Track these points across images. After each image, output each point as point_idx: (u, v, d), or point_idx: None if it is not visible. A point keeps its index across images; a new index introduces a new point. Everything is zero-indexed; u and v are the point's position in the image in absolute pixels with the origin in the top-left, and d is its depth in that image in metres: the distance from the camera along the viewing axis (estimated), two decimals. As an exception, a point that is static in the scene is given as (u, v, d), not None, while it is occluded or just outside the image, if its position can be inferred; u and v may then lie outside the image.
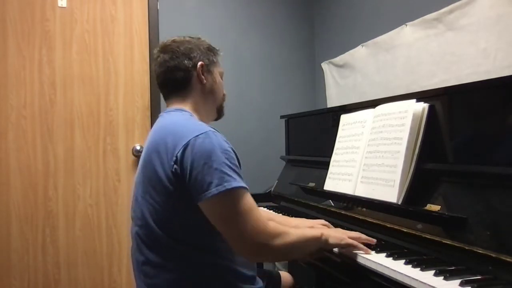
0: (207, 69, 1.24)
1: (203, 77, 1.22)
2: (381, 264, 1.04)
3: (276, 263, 2.62)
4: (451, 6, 1.71)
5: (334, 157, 1.67)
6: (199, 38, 1.30)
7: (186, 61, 1.20)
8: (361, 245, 1.15)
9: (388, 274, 1.01)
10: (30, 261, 2.23)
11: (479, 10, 1.59)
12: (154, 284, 1.07)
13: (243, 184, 1.02)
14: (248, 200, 1.02)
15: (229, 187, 0.98)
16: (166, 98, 1.26)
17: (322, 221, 1.44)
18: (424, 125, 1.25)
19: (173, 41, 1.25)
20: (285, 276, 1.47)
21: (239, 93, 2.65)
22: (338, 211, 1.54)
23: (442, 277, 0.91)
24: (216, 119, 1.34)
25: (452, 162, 1.21)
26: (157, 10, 2.50)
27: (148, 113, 2.46)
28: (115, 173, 2.39)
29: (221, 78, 1.32)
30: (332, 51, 2.67)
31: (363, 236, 1.20)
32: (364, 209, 1.41)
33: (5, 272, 2.19)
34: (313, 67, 2.93)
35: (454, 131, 1.23)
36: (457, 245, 1.02)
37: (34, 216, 2.25)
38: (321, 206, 1.66)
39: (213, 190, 0.98)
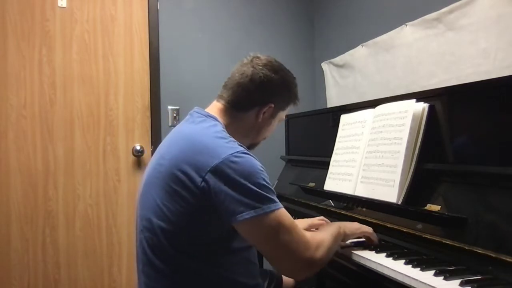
0: (272, 112, 1.18)
1: (261, 115, 1.16)
2: (381, 264, 1.05)
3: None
4: (451, 6, 1.71)
5: (334, 157, 1.67)
6: (294, 79, 1.23)
7: (260, 95, 1.14)
8: (375, 234, 1.18)
9: (388, 274, 1.01)
10: (30, 261, 2.23)
11: (479, 10, 1.59)
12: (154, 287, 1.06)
13: (281, 205, 0.99)
14: (289, 218, 0.99)
15: (269, 210, 0.95)
16: (218, 97, 1.18)
17: (321, 217, 1.44)
18: (424, 125, 1.25)
19: (266, 65, 1.16)
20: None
21: (239, 93, 2.65)
22: (338, 211, 1.54)
23: (442, 277, 0.91)
24: None
25: (452, 162, 1.21)
26: (157, 10, 2.50)
27: (148, 113, 2.46)
28: (115, 173, 2.39)
29: (279, 123, 1.26)
30: (332, 51, 2.67)
31: (374, 234, 1.22)
32: (364, 209, 1.41)
33: (5, 272, 2.19)
34: (313, 67, 2.93)
35: (454, 131, 1.23)
36: (457, 245, 1.02)
37: (34, 216, 2.25)
38: (321, 206, 1.66)
39: (252, 212, 0.94)
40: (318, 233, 1.10)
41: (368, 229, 1.22)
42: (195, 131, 1.08)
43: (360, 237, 1.24)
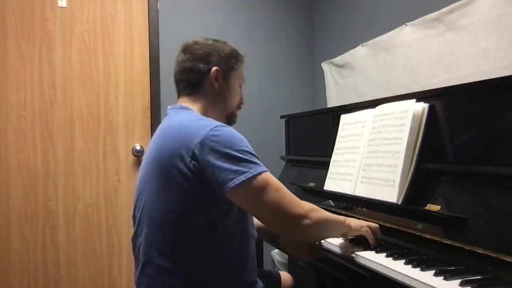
0: (223, 74, 1.24)
1: (216, 82, 1.22)
2: (381, 264, 1.04)
3: (276, 263, 2.63)
4: (451, 6, 1.71)
5: (334, 157, 1.67)
6: (224, 43, 1.29)
7: (201, 65, 1.21)
8: (379, 233, 1.18)
9: (388, 274, 1.01)
10: (30, 261, 2.23)
11: (479, 10, 1.59)
12: (156, 287, 1.06)
13: (266, 168, 1.05)
14: (275, 180, 1.05)
15: (256, 172, 1.01)
16: (178, 95, 1.27)
17: None
18: (424, 125, 1.25)
19: (195, 42, 1.26)
20: (285, 276, 1.47)
21: (239, 93, 2.65)
22: (338, 211, 1.54)
23: (442, 277, 0.91)
24: None
25: (452, 162, 1.21)
26: (157, 10, 2.50)
27: (148, 113, 2.46)
28: (115, 173, 2.39)
29: (241, 86, 1.32)
30: (332, 51, 2.67)
31: (379, 234, 1.20)
32: (364, 209, 1.41)
33: (5, 272, 2.19)
34: (313, 67, 2.94)
35: (454, 131, 1.23)
36: (457, 245, 1.02)
37: (34, 216, 2.25)
38: (321, 206, 1.65)
39: (241, 177, 0.99)
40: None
41: (372, 226, 1.19)
42: (173, 122, 1.15)
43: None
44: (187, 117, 1.15)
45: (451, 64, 1.71)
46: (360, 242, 1.21)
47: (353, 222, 1.17)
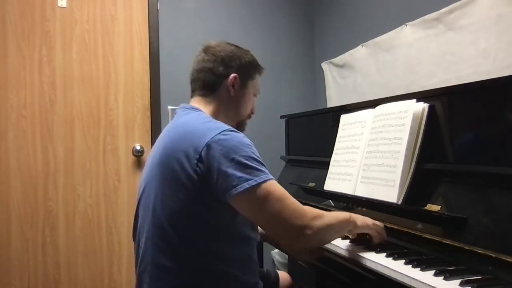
0: (240, 82, 1.23)
1: (232, 88, 1.22)
2: (381, 264, 1.04)
3: (276, 263, 2.63)
4: (451, 6, 1.71)
5: (334, 157, 1.67)
6: (246, 51, 1.29)
7: (221, 68, 1.21)
8: (384, 234, 1.17)
9: (388, 274, 1.01)
10: (30, 261, 2.23)
11: (479, 10, 1.59)
12: (157, 287, 1.06)
13: (272, 176, 1.03)
14: (280, 188, 1.03)
15: (260, 180, 0.99)
16: (192, 94, 1.26)
17: None
18: (424, 125, 1.25)
19: (218, 45, 1.25)
20: (284, 276, 1.47)
21: (239, 93, 2.65)
22: (338, 211, 1.54)
23: (442, 277, 0.91)
24: None
25: (452, 162, 1.21)
26: (157, 10, 2.50)
27: (148, 113, 2.46)
28: (115, 173, 2.39)
29: (255, 95, 1.32)
30: (332, 51, 2.67)
31: (383, 233, 1.20)
32: (364, 209, 1.41)
33: (5, 272, 2.19)
34: (313, 67, 2.93)
35: (454, 131, 1.23)
36: (457, 245, 1.02)
37: (34, 216, 2.25)
38: (321, 206, 1.66)
39: (245, 184, 0.98)
40: (320, 210, 1.11)
41: (378, 226, 1.19)
42: (182, 123, 1.14)
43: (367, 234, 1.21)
44: (197, 117, 1.14)
45: (451, 64, 1.71)
46: (361, 242, 1.21)
47: (359, 220, 1.16)
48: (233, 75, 1.21)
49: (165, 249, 1.05)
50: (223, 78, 1.21)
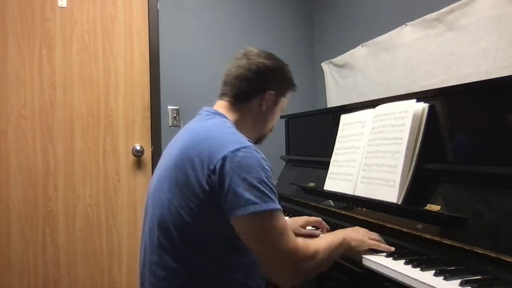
0: (273, 99, 1.20)
1: (264, 104, 1.19)
2: (381, 264, 1.05)
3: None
4: (451, 6, 1.71)
5: (334, 157, 1.67)
6: (286, 65, 1.26)
7: (260, 81, 1.18)
8: (383, 245, 1.15)
9: (388, 274, 1.01)
10: (30, 261, 2.23)
11: (479, 10, 1.59)
12: (161, 287, 1.05)
13: (279, 206, 1.00)
14: (282, 221, 1.00)
15: (267, 208, 0.96)
16: (220, 97, 1.22)
17: (317, 219, 1.44)
18: (424, 125, 1.25)
19: (259, 54, 1.21)
20: None
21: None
22: (338, 211, 1.54)
23: (442, 277, 0.91)
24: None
25: (452, 162, 1.22)
26: (157, 10, 2.50)
27: (148, 113, 2.46)
28: (115, 173, 2.39)
29: (281, 111, 1.28)
30: (332, 51, 2.67)
31: (382, 240, 1.19)
32: (364, 209, 1.41)
33: (5, 272, 2.19)
34: (313, 67, 2.93)
35: (454, 131, 1.23)
36: (457, 245, 1.02)
37: (34, 216, 2.25)
38: (321, 206, 1.66)
39: (250, 208, 0.95)
40: (315, 242, 1.08)
41: (374, 243, 1.16)
42: (203, 127, 1.11)
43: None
44: (221, 125, 1.11)
45: (451, 64, 1.71)
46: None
47: (354, 239, 1.14)
48: (270, 92, 1.18)
49: (171, 250, 1.04)
50: (260, 93, 1.18)
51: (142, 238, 1.17)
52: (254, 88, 1.18)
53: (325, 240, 1.10)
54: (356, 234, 1.18)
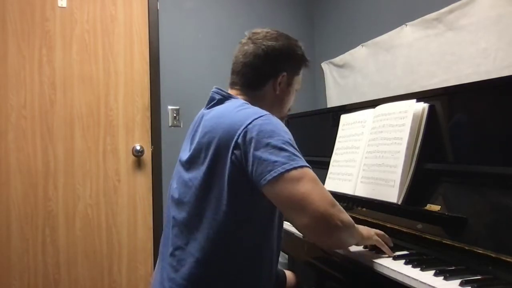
0: (287, 79, 1.17)
1: (278, 87, 1.15)
2: (381, 264, 1.04)
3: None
4: (451, 6, 1.71)
5: (334, 157, 1.67)
6: (296, 42, 1.20)
7: (270, 66, 1.14)
8: (387, 247, 1.12)
9: (388, 274, 1.01)
10: (30, 261, 2.23)
11: (479, 10, 1.59)
12: (180, 272, 1.03)
13: (308, 165, 0.97)
14: (314, 175, 0.97)
15: (297, 165, 0.94)
16: (231, 84, 1.18)
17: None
18: (424, 125, 1.25)
19: (265, 36, 1.15)
20: (290, 275, 1.47)
21: (239, 93, 2.65)
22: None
23: (442, 277, 0.91)
24: None
25: (452, 162, 1.21)
26: (157, 10, 2.50)
27: (148, 113, 2.46)
28: (115, 173, 2.39)
29: (297, 90, 1.25)
30: (332, 51, 2.67)
31: (386, 236, 1.16)
32: (364, 209, 1.41)
33: (5, 272, 2.19)
34: (313, 67, 2.92)
35: (454, 131, 1.23)
36: (457, 245, 1.02)
37: (34, 216, 2.25)
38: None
39: (279, 169, 0.92)
40: None
41: (379, 241, 1.13)
42: (221, 110, 1.09)
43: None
44: (233, 105, 1.08)
45: (451, 64, 1.71)
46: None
47: (365, 231, 1.10)
48: (281, 75, 1.15)
49: (197, 238, 1.02)
50: (271, 78, 1.15)
51: (165, 228, 1.15)
52: (264, 75, 1.14)
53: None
54: (365, 227, 1.14)
